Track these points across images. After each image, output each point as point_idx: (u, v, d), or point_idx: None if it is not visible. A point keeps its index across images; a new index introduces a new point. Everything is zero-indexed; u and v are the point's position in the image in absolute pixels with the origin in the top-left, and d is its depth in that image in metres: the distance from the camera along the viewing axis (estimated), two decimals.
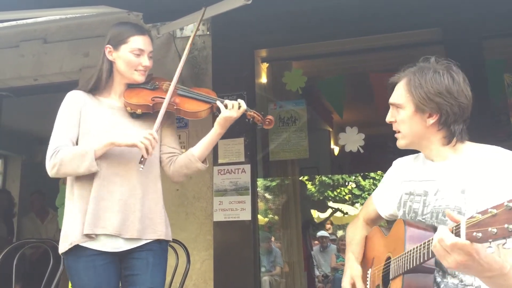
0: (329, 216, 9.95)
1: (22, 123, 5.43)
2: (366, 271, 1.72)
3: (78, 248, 1.88)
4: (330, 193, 13.27)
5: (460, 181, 1.46)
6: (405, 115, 1.55)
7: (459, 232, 1.08)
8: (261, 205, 6.04)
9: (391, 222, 1.67)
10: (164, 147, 2.10)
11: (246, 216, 3.17)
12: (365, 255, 1.77)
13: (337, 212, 11.74)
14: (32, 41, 3.81)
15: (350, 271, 1.71)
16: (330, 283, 7.03)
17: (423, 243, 1.29)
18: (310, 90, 4.23)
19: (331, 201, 12.86)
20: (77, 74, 3.66)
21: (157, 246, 1.98)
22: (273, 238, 6.07)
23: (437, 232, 1.15)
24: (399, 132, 1.60)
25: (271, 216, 6.20)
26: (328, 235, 7.87)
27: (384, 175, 1.82)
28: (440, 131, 1.52)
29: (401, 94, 1.56)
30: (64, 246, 1.89)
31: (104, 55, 2.05)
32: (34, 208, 5.27)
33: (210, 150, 2.08)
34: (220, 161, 3.28)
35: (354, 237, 1.80)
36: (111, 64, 2.06)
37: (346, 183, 13.71)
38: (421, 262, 1.30)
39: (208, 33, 3.51)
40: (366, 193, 13.29)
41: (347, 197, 13.81)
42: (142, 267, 1.93)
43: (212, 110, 2.07)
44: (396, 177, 1.72)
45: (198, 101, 2.07)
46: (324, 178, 12.65)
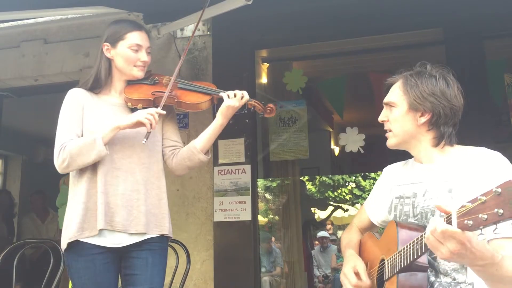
0: (330, 214, 9.94)
1: (23, 123, 5.43)
2: None
3: (78, 245, 1.88)
4: (331, 194, 13.25)
5: (447, 181, 1.49)
6: (398, 114, 1.58)
7: (451, 222, 1.10)
8: (262, 206, 6.03)
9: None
10: (166, 141, 2.11)
11: (247, 217, 3.18)
12: None
13: (338, 210, 11.73)
14: (33, 41, 3.82)
15: (354, 262, 1.63)
16: (330, 284, 7.02)
17: (416, 239, 1.31)
18: (311, 91, 4.23)
19: (332, 202, 12.85)
20: (78, 74, 3.66)
21: (158, 245, 1.98)
22: (273, 239, 6.06)
23: (429, 224, 1.17)
24: (390, 131, 1.62)
25: (272, 217, 6.19)
26: (329, 236, 7.85)
27: (375, 183, 1.84)
28: (430, 132, 1.55)
29: (396, 94, 1.60)
30: (64, 242, 1.90)
31: (102, 53, 2.05)
32: (35, 208, 5.26)
33: (212, 142, 2.08)
34: (221, 161, 3.28)
35: (351, 240, 1.79)
36: (110, 62, 2.06)
37: (347, 184, 13.70)
38: (415, 259, 1.31)
39: (209, 33, 3.51)
40: (367, 194, 13.24)
41: (348, 197, 13.80)
42: (142, 267, 1.93)
43: (213, 102, 2.08)
44: (386, 184, 1.74)
45: (199, 93, 2.07)
46: (325, 179, 12.62)
